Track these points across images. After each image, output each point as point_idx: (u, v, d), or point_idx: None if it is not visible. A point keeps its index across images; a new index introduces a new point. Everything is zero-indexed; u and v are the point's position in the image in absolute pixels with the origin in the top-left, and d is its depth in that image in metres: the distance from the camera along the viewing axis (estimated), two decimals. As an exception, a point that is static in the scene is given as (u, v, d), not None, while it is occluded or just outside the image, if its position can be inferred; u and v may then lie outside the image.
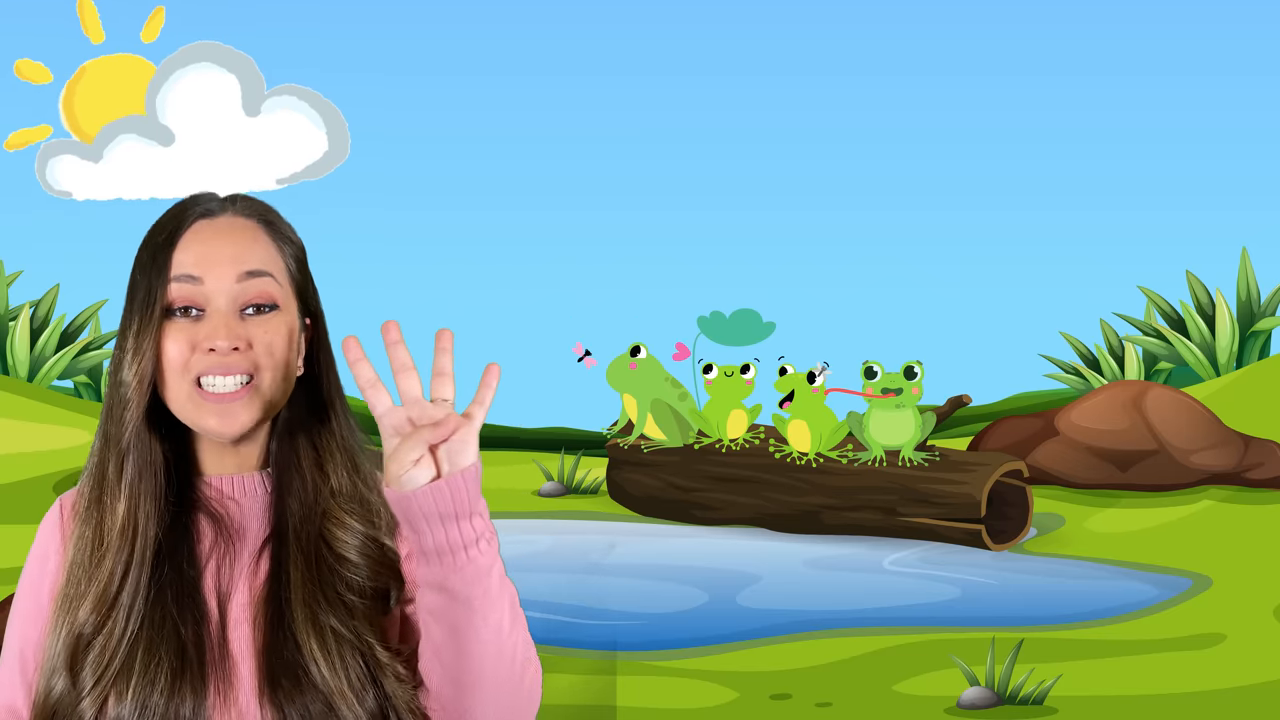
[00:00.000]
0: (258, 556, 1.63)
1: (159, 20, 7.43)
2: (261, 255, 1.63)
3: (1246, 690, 4.83)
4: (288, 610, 1.59)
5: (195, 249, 1.62)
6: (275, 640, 1.59)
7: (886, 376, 6.47)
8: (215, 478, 1.65)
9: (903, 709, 4.72)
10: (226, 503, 1.65)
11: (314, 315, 1.70)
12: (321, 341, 1.70)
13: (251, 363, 1.60)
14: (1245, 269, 8.21)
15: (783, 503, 6.66)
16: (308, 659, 1.58)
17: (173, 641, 1.56)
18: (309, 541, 1.62)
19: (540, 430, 8.08)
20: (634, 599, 5.77)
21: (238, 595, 1.61)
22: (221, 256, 1.61)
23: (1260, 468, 6.85)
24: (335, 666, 1.58)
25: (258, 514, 1.65)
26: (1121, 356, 8.31)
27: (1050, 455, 7.00)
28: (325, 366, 1.70)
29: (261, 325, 1.61)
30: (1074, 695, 4.72)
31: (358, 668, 1.59)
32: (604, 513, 7.01)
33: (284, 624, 1.59)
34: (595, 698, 4.79)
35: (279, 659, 1.58)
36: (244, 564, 1.63)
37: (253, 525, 1.65)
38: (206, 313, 1.60)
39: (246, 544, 1.64)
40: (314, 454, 1.66)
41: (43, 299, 8.31)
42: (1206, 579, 5.87)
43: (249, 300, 1.61)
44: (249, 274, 1.61)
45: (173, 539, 1.61)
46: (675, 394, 6.82)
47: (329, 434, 1.67)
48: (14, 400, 7.64)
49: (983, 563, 6.19)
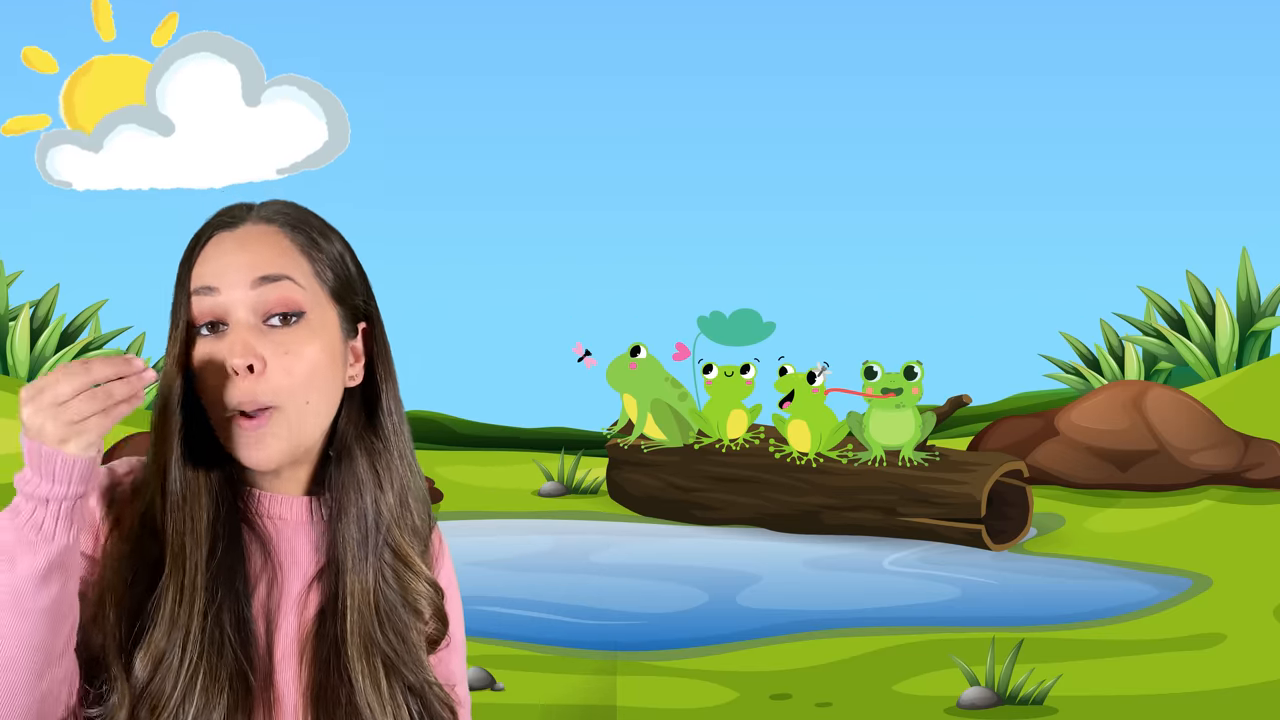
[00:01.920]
0: (308, 589, 1.56)
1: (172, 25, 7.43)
2: (279, 259, 1.53)
3: (1246, 690, 4.83)
4: (341, 648, 1.53)
5: (213, 260, 1.53)
6: (327, 680, 1.53)
7: (886, 376, 6.47)
8: (265, 495, 1.57)
9: (903, 709, 4.72)
10: (276, 522, 1.57)
11: (369, 319, 1.60)
12: (381, 349, 1.61)
13: (269, 391, 1.50)
14: (1245, 269, 8.21)
15: (783, 503, 6.66)
16: (361, 702, 1.53)
17: (231, 666, 1.50)
18: (369, 574, 1.55)
19: (540, 430, 8.09)
20: (634, 599, 5.77)
21: (285, 626, 1.55)
22: (236, 264, 1.51)
23: (1260, 468, 6.85)
24: (385, 705, 1.53)
25: (308, 542, 1.57)
26: (1121, 356, 8.31)
27: (1050, 455, 7.00)
28: (384, 377, 1.60)
29: (283, 341, 1.51)
30: (1074, 695, 4.73)
31: (409, 700, 1.55)
32: (604, 513, 7.01)
33: (339, 663, 1.53)
34: (595, 698, 4.79)
35: (330, 696, 1.53)
36: (292, 595, 1.56)
37: (302, 553, 1.57)
38: (230, 326, 1.51)
39: (297, 572, 1.56)
40: (374, 476, 1.56)
41: (43, 299, 8.31)
42: (1206, 579, 5.87)
43: (270, 308, 1.51)
44: (264, 279, 1.51)
45: (228, 559, 1.52)
46: (675, 394, 6.83)
47: (388, 454, 1.58)
48: (14, 400, 7.64)
49: (983, 563, 6.19)
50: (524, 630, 5.31)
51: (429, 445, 7.77)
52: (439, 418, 8.09)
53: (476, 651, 4.80)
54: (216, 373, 1.50)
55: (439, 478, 6.88)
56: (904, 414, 6.48)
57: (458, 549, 1.79)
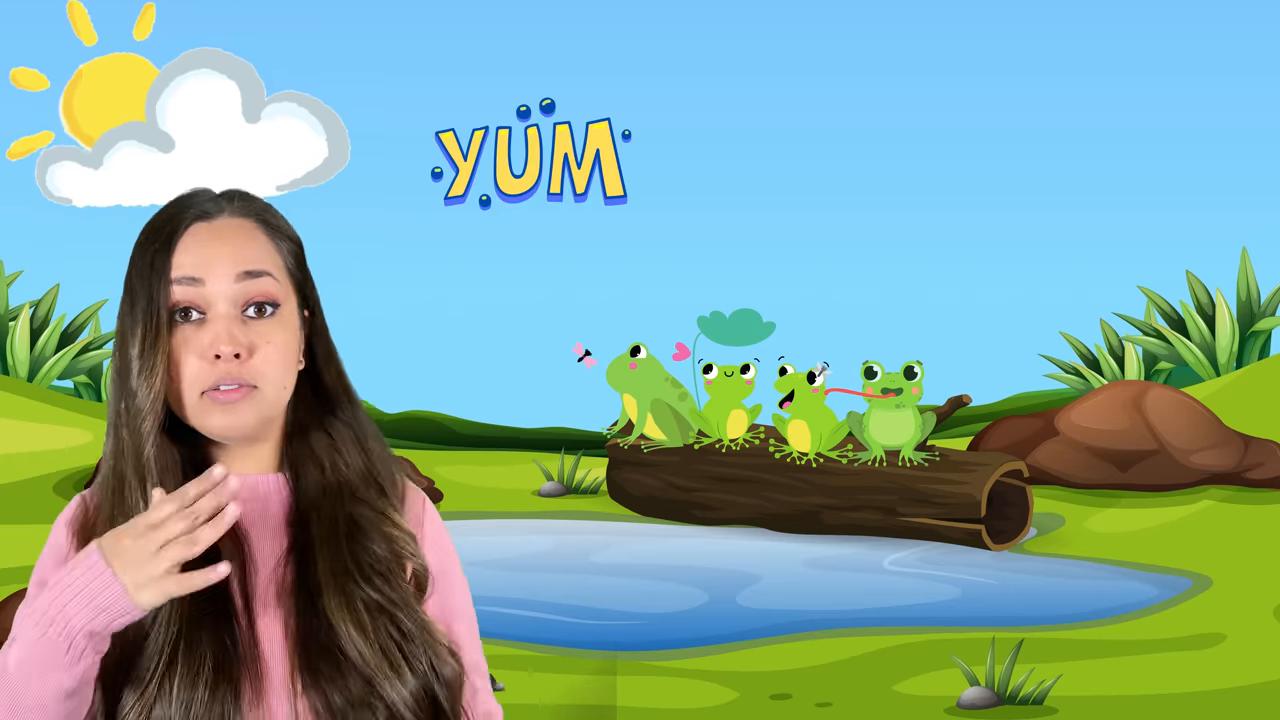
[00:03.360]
0: (283, 556, 1.62)
1: (150, 17, 7.42)
2: (260, 255, 1.62)
3: (1246, 690, 4.83)
4: (318, 594, 1.58)
5: (195, 251, 1.60)
6: (309, 627, 1.58)
7: (886, 376, 6.47)
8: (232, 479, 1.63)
9: (903, 709, 4.71)
10: (244, 504, 1.62)
11: (311, 308, 1.70)
12: (320, 333, 1.71)
13: (253, 373, 1.59)
14: (1245, 269, 8.21)
15: (783, 503, 6.66)
16: (344, 640, 1.57)
17: (211, 642, 1.55)
18: (332, 521, 1.62)
19: (540, 430, 8.08)
20: (634, 599, 5.77)
21: (263, 594, 1.61)
22: (220, 257, 1.60)
23: (1260, 468, 6.85)
24: (373, 643, 1.57)
25: (280, 514, 1.65)
26: (1121, 356, 8.31)
27: (1050, 455, 6.99)
28: (325, 357, 1.70)
29: (263, 331, 1.60)
30: (1074, 695, 4.72)
31: (396, 638, 1.58)
32: (604, 513, 7.00)
33: (316, 609, 1.58)
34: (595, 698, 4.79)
35: (315, 644, 1.57)
36: (269, 564, 1.62)
37: (275, 526, 1.64)
38: (208, 316, 1.60)
39: (269, 544, 1.63)
40: (326, 439, 1.66)
41: (43, 299, 8.31)
42: (1206, 579, 5.86)
43: (249, 300, 1.60)
44: (248, 274, 1.60)
45: None
46: (675, 394, 6.82)
47: (338, 419, 1.67)
48: (14, 400, 7.64)
49: (983, 563, 6.19)
50: (524, 630, 5.30)
51: (429, 445, 7.77)
52: (439, 418, 8.08)
53: (476, 651, 4.78)
54: (196, 358, 1.58)
55: (439, 478, 6.88)
56: (904, 414, 6.48)
57: (458, 549, 1.80)
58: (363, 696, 1.55)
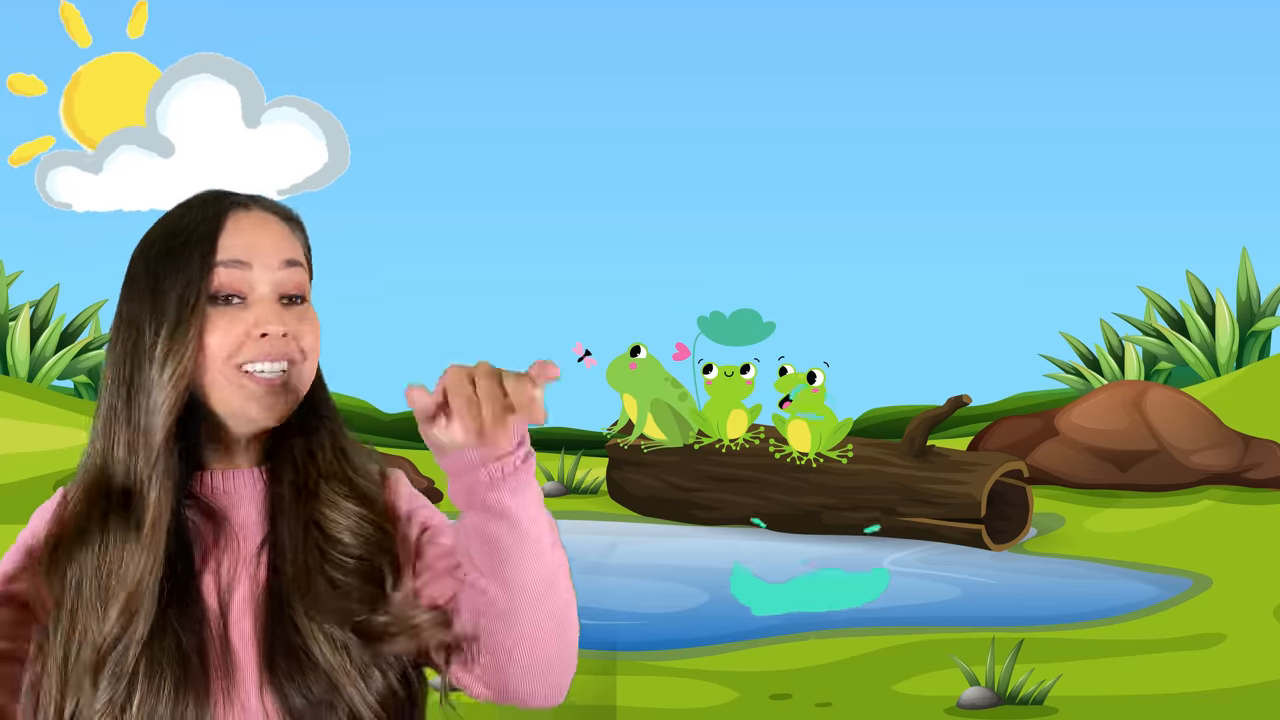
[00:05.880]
0: (260, 551, 1.63)
1: (143, 15, 7.42)
2: (295, 247, 1.67)
3: (1246, 690, 4.83)
4: (287, 594, 1.59)
5: (242, 235, 1.63)
6: (275, 627, 1.59)
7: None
8: (212, 473, 1.65)
9: (903, 709, 4.72)
10: (222, 498, 1.65)
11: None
12: None
13: (296, 350, 1.62)
14: (1245, 269, 8.21)
15: (783, 503, 6.66)
16: (308, 639, 1.58)
17: (173, 649, 1.56)
18: (301, 524, 1.63)
19: (540, 430, 8.09)
20: (634, 599, 5.77)
21: (239, 591, 1.61)
22: (265, 243, 1.63)
23: (1260, 468, 6.85)
24: (336, 645, 1.57)
25: (258, 508, 1.65)
26: (1121, 356, 8.32)
27: (1050, 455, 7.00)
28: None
29: (298, 317, 1.63)
30: (1074, 695, 4.73)
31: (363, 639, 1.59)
32: (604, 513, 7.01)
33: (283, 611, 1.59)
34: (595, 698, 4.79)
35: (279, 643, 1.58)
36: (246, 559, 1.63)
37: (254, 520, 1.65)
38: (249, 300, 1.61)
39: (248, 539, 1.64)
40: (302, 439, 1.67)
41: (43, 299, 8.31)
42: (1206, 579, 5.87)
43: (288, 290, 1.63)
44: (289, 262, 1.64)
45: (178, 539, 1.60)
46: (675, 394, 6.83)
47: (314, 419, 1.68)
48: (14, 400, 7.64)
49: (983, 563, 6.19)
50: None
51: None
52: (439, 418, 8.09)
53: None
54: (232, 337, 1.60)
55: (439, 478, 6.88)
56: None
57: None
58: (325, 695, 1.56)
